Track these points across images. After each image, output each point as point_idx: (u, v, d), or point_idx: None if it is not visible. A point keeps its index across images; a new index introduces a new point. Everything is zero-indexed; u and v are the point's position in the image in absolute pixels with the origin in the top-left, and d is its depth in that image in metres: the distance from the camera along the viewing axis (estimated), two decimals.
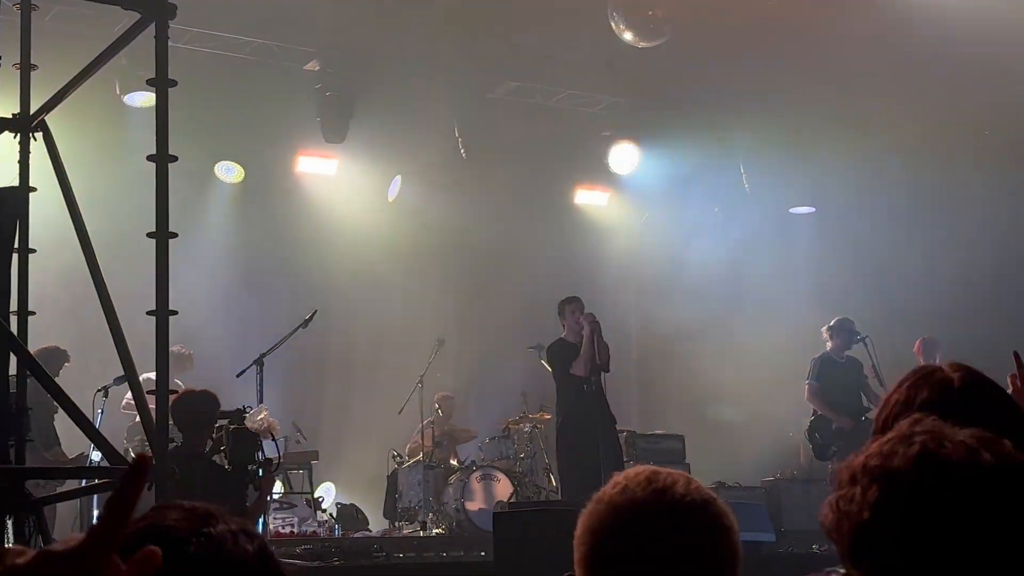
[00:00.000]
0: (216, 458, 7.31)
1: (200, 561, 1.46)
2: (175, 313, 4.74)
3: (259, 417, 7.18)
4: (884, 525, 1.45)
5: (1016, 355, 2.76)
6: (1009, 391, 2.65)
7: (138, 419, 9.32)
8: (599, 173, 15.49)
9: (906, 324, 12.85)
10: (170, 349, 4.93)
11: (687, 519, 1.86)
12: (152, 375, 5.22)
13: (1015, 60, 12.42)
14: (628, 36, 11.25)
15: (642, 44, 11.38)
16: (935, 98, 13.48)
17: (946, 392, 2.23)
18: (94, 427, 5.73)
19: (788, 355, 12.87)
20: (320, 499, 12.20)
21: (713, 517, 1.88)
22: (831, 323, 11.71)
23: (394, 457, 12.96)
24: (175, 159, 4.84)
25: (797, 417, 12.35)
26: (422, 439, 12.73)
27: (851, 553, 1.50)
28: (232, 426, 7.17)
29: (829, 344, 11.63)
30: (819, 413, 11.48)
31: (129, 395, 11.27)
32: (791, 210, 15.95)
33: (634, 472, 1.93)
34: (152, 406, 5.08)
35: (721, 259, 15.30)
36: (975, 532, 1.42)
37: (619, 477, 1.93)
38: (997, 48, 12.11)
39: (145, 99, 12.11)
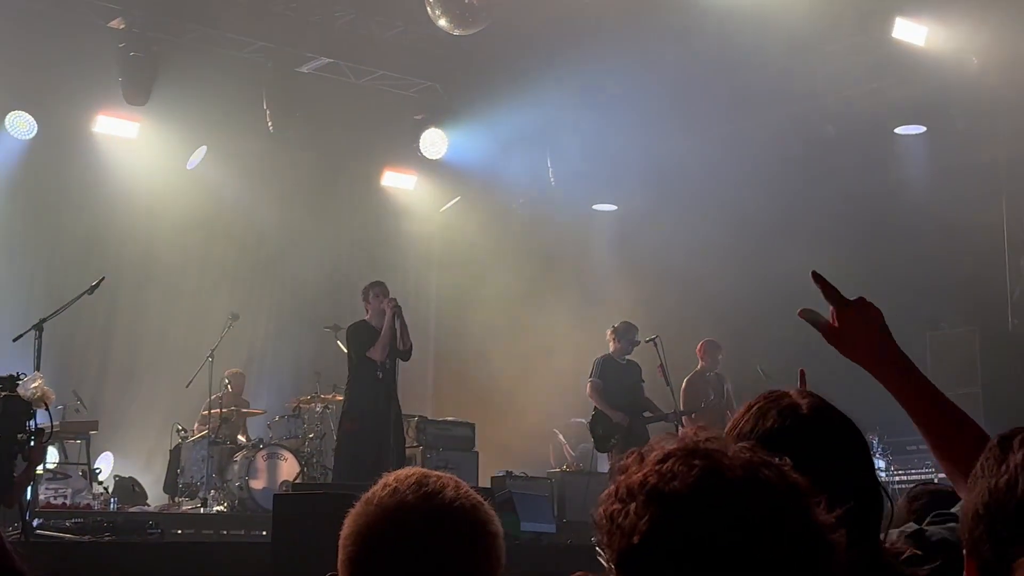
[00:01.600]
0: None
1: None
2: None
3: (33, 385, 6.89)
4: (655, 550, 1.44)
5: (815, 275, 2.61)
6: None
7: None
8: (408, 156, 15.41)
9: (694, 325, 13.23)
10: None
11: (455, 524, 1.87)
12: None
13: (809, 75, 12.91)
14: (443, 22, 11.24)
15: (457, 31, 11.38)
16: (739, 107, 13.89)
17: (794, 418, 2.23)
18: None
19: (585, 349, 13.07)
20: (97, 471, 11.83)
21: (480, 524, 1.90)
22: (615, 325, 11.98)
23: (178, 431, 12.67)
24: None
25: (588, 411, 12.56)
26: (209, 414, 12.47)
27: (618, 567, 1.48)
28: (3, 393, 6.87)
29: (612, 346, 11.90)
30: (599, 408, 11.77)
31: None
32: (594, 206, 16.21)
33: (404, 474, 1.93)
34: None
35: (524, 250, 15.47)
36: (749, 557, 1.42)
37: (389, 478, 1.93)
38: (794, 63, 12.57)
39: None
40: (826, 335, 2.49)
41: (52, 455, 11.02)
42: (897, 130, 13.56)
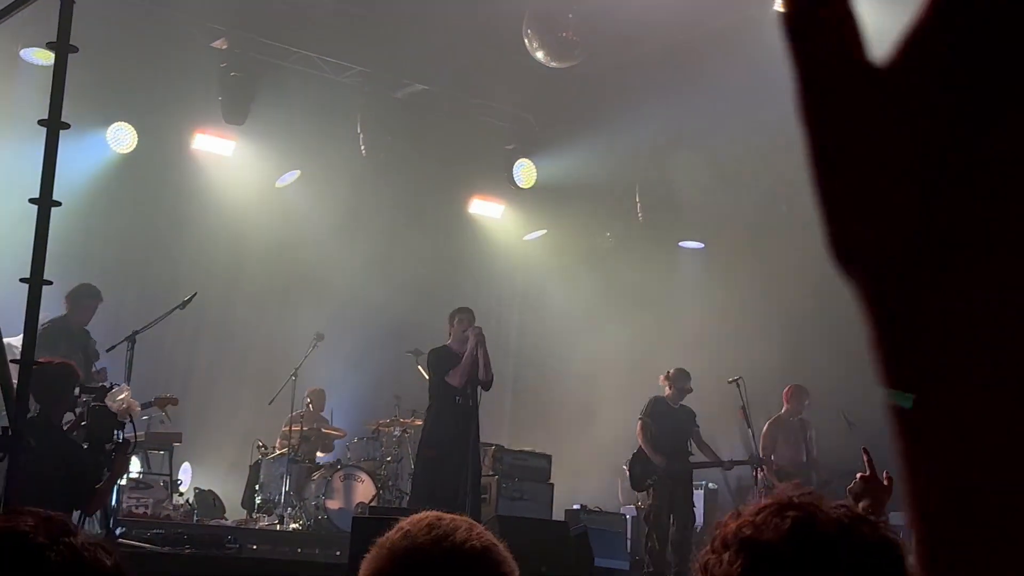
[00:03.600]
0: (74, 433, 7.13)
1: (59, 570, 1.43)
2: (49, 283, 4.59)
3: (120, 397, 7.02)
4: None
5: (865, 450, 2.79)
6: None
7: None
8: (497, 185, 15.51)
9: (779, 368, 13.07)
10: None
11: (466, 566, 1.88)
12: (13, 340, 5.04)
13: None
14: (540, 55, 11.31)
15: (553, 64, 11.44)
16: None
17: None
18: None
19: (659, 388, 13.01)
20: (178, 482, 11.99)
21: (492, 564, 1.91)
22: (669, 372, 11.93)
23: (259, 447, 12.80)
24: (67, 126, 4.68)
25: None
26: (289, 432, 12.59)
27: None
28: (94, 403, 7.00)
29: (667, 391, 11.85)
30: (641, 447, 11.75)
31: None
32: (680, 243, 16.14)
33: (418, 517, 1.95)
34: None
35: (608, 285, 15.43)
36: None
37: (403, 522, 1.95)
38: None
39: (42, 56, 11.80)
40: None
41: (135, 465, 11.19)
42: None
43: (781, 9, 0.66)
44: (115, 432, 7.11)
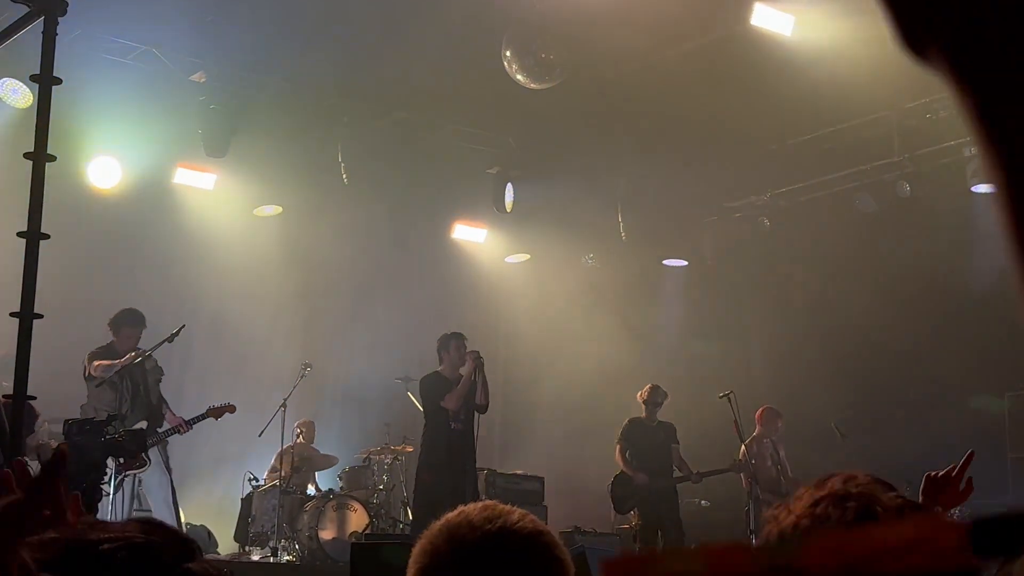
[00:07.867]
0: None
1: None
2: (40, 316, 4.56)
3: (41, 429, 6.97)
4: None
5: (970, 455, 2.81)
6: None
7: None
8: (479, 209, 15.49)
9: (766, 382, 13.09)
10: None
11: (519, 547, 1.94)
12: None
13: (885, 134, 12.82)
14: (520, 77, 11.32)
15: (533, 85, 11.45)
16: (810, 162, 13.84)
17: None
18: None
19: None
20: None
21: (545, 547, 1.98)
22: (643, 390, 12.07)
23: (250, 480, 12.73)
24: (54, 159, 4.67)
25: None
26: (280, 464, 12.53)
27: None
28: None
29: (643, 410, 12.01)
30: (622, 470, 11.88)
31: None
32: (664, 262, 16.17)
33: (473, 505, 2.04)
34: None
35: (588, 305, 15.43)
36: None
37: (460, 507, 2.03)
38: (872, 118, 12.49)
39: (19, 98, 11.78)
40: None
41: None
42: (974, 188, 13.40)
43: None
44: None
